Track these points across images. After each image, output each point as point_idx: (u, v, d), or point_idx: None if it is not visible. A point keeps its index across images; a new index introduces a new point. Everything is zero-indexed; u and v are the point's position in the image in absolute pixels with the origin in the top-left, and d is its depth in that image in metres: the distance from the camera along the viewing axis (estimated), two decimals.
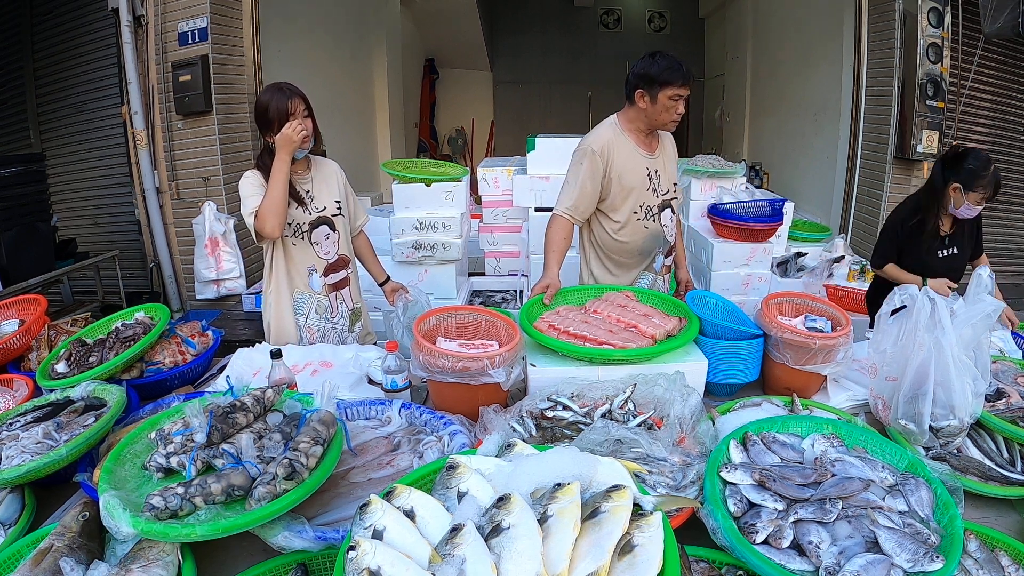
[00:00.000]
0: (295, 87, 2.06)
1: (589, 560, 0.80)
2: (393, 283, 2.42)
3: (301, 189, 2.13)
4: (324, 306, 2.24)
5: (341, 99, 6.96)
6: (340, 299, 2.27)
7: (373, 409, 1.58)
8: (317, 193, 2.16)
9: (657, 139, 2.27)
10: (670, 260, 2.42)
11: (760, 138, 7.74)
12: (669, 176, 2.31)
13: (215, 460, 1.16)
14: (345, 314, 2.30)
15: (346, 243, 2.25)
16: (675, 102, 2.09)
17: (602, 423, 1.35)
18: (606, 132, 2.20)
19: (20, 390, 1.76)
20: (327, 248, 2.19)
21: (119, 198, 4.86)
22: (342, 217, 2.22)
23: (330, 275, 2.22)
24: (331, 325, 2.26)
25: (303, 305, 2.21)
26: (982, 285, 1.47)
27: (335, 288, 2.24)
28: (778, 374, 1.75)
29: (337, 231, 2.20)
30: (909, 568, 0.99)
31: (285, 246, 2.14)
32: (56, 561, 1.03)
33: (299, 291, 2.19)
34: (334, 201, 2.20)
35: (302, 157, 2.12)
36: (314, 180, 2.18)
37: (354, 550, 0.81)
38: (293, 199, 2.08)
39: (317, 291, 2.20)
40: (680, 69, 2.06)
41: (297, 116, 2.00)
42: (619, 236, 2.26)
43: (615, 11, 10.46)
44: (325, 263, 2.19)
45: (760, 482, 1.17)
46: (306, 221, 2.13)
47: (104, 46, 4.61)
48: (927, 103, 4.22)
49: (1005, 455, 1.43)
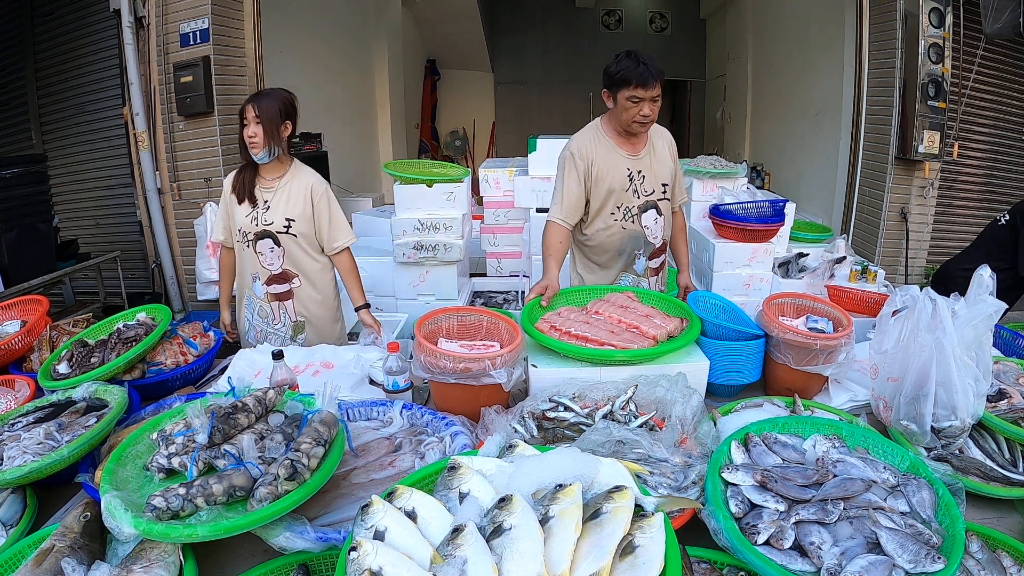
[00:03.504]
0: (269, 93, 2.14)
1: (590, 561, 0.80)
2: (367, 315, 2.31)
3: (260, 196, 2.19)
4: (266, 312, 2.29)
5: (342, 100, 6.97)
6: (283, 309, 2.29)
7: (375, 410, 1.59)
8: (274, 204, 2.18)
9: (644, 140, 2.22)
10: (656, 263, 2.35)
11: (761, 138, 7.73)
12: (657, 177, 2.25)
13: (217, 461, 1.16)
14: (288, 323, 2.31)
15: (295, 260, 2.23)
16: (634, 104, 2.05)
17: (603, 424, 1.35)
18: (587, 134, 2.22)
19: (22, 391, 1.76)
20: (271, 260, 2.22)
21: (120, 199, 4.86)
22: (290, 236, 2.20)
23: (272, 285, 2.26)
24: (273, 330, 2.30)
25: (251, 304, 2.30)
26: (983, 285, 1.47)
27: (277, 298, 2.27)
28: (780, 375, 1.75)
29: (282, 247, 2.21)
30: (911, 569, 0.99)
31: (238, 250, 2.26)
32: (58, 561, 1.03)
33: (247, 291, 2.29)
34: (285, 219, 2.18)
35: (266, 162, 2.16)
36: (279, 191, 2.19)
37: (356, 551, 0.81)
38: (249, 202, 2.18)
39: (259, 296, 2.27)
40: (637, 70, 2.00)
41: (250, 121, 2.07)
42: (595, 235, 2.26)
43: (616, 12, 10.46)
44: (269, 273, 2.24)
45: (762, 483, 1.17)
46: (251, 231, 2.19)
47: (105, 47, 4.62)
48: (928, 103, 4.21)
49: (1007, 456, 1.43)
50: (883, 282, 3.06)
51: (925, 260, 4.66)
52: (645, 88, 2.02)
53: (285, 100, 2.13)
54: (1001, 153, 4.93)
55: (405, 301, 3.56)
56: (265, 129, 2.07)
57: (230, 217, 2.27)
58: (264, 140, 2.08)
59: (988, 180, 4.95)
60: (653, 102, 2.06)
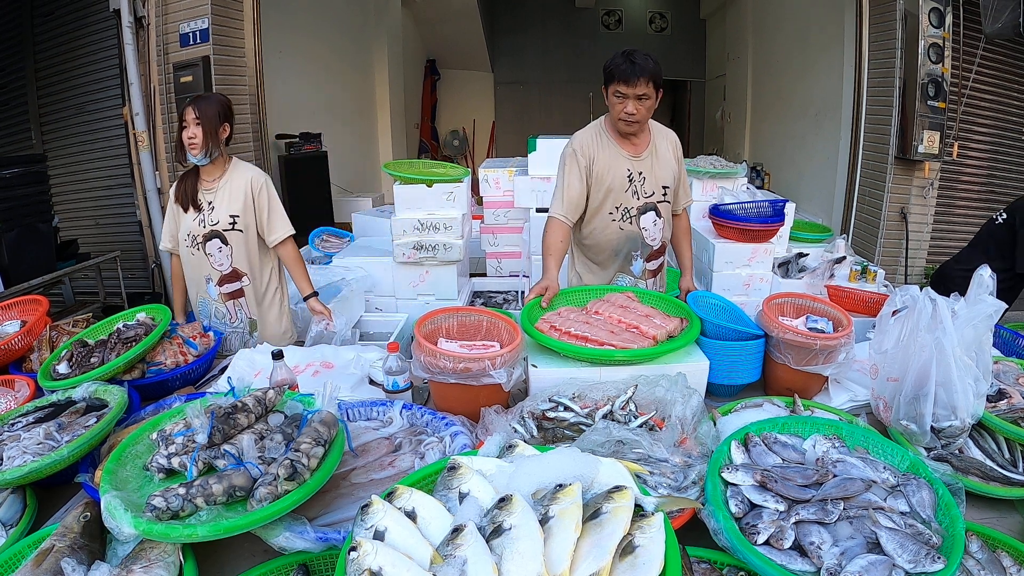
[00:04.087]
0: (209, 96, 2.23)
1: (590, 561, 0.80)
2: (316, 303, 2.36)
3: (203, 199, 2.24)
4: (222, 312, 2.35)
5: (342, 100, 6.97)
6: (238, 307, 2.35)
7: (374, 410, 1.58)
8: (218, 204, 2.24)
9: (647, 141, 2.21)
10: (654, 264, 2.34)
11: (761, 138, 7.74)
12: (658, 179, 2.22)
13: (216, 461, 1.16)
14: (244, 320, 2.36)
15: (242, 257, 2.29)
16: (619, 99, 2.05)
17: (603, 424, 1.35)
18: (589, 132, 2.22)
19: (22, 391, 1.76)
20: (220, 260, 2.27)
21: (120, 199, 4.86)
22: (237, 232, 2.25)
23: (224, 285, 2.31)
24: (232, 329, 2.34)
25: (205, 308, 2.35)
26: (983, 285, 1.47)
27: (231, 297, 2.33)
28: (779, 375, 1.75)
29: (230, 245, 2.26)
30: (910, 569, 0.99)
31: (186, 255, 2.29)
32: (57, 562, 1.03)
33: (201, 295, 2.33)
34: (229, 215, 2.24)
35: (205, 163, 2.21)
36: (220, 190, 2.25)
37: (355, 551, 0.81)
38: (193, 208, 2.22)
39: (214, 298, 2.32)
40: (622, 66, 2.00)
41: (189, 123, 2.13)
42: (593, 234, 2.26)
43: (616, 12, 10.47)
44: (220, 273, 2.29)
45: (761, 483, 1.17)
46: (200, 233, 2.24)
47: (105, 47, 4.62)
48: (928, 103, 4.21)
49: (1007, 455, 1.43)
50: (883, 282, 3.07)
51: (925, 260, 4.67)
52: (628, 84, 2.01)
53: (224, 103, 2.23)
54: (1001, 153, 4.93)
55: (405, 301, 3.56)
56: (205, 130, 2.15)
57: (177, 225, 2.32)
58: (203, 142, 2.16)
59: (988, 180, 4.95)
60: (639, 100, 2.04)
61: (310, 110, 6.01)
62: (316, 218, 5.02)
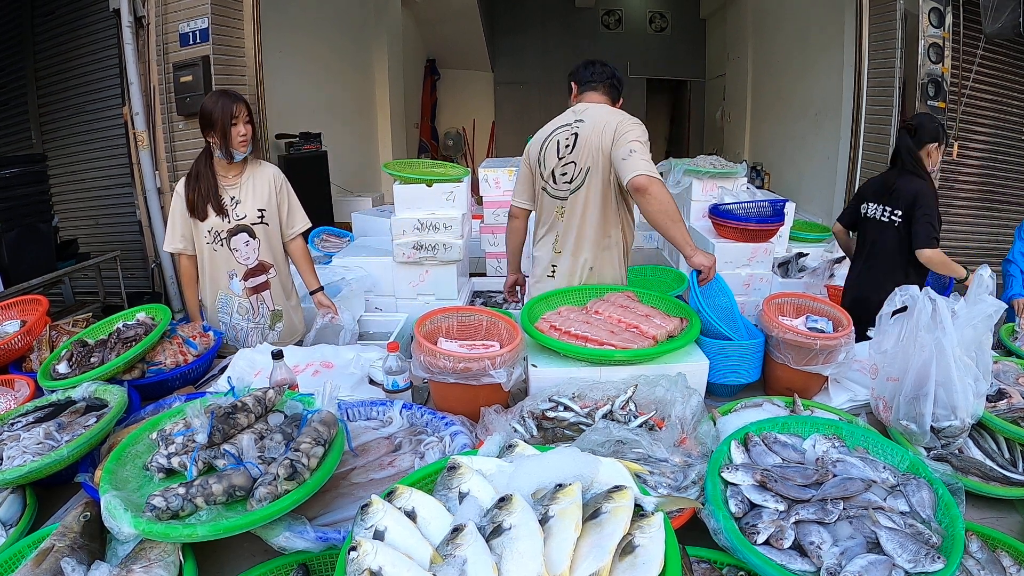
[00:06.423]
0: (237, 93, 2.21)
1: (590, 561, 0.80)
2: (323, 297, 2.43)
3: (226, 195, 2.23)
4: (245, 308, 2.33)
5: (342, 99, 6.96)
6: (261, 300, 2.35)
7: (374, 410, 1.58)
8: (243, 199, 2.24)
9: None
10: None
11: (761, 138, 7.74)
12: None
13: (216, 461, 1.16)
14: (266, 314, 2.37)
15: (268, 249, 2.31)
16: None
17: (603, 424, 1.35)
18: None
19: (21, 390, 1.76)
20: (247, 254, 2.27)
21: (120, 198, 4.86)
22: (264, 225, 2.27)
23: (250, 279, 2.30)
24: (254, 325, 2.35)
25: (227, 305, 2.32)
26: (983, 285, 1.47)
27: (255, 291, 2.33)
28: (779, 375, 1.75)
29: (257, 238, 2.27)
30: (910, 569, 0.99)
31: (207, 252, 2.26)
32: (57, 561, 1.03)
33: (222, 292, 2.31)
34: (257, 210, 2.26)
35: (240, 160, 2.21)
36: (244, 186, 2.25)
37: (355, 550, 0.81)
38: (214, 209, 2.20)
39: (238, 294, 2.30)
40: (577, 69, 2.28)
41: (240, 120, 2.13)
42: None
43: (616, 12, 10.45)
44: (245, 268, 2.28)
45: (761, 483, 1.17)
46: (225, 228, 2.23)
47: (105, 47, 4.62)
48: (928, 103, 4.21)
49: (1006, 455, 1.43)
50: None
51: None
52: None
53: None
54: (1001, 153, 4.92)
55: (405, 301, 3.56)
56: (253, 126, 2.19)
57: (191, 225, 2.24)
58: (252, 137, 2.20)
59: (988, 180, 4.95)
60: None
61: (310, 110, 6.00)
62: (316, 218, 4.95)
